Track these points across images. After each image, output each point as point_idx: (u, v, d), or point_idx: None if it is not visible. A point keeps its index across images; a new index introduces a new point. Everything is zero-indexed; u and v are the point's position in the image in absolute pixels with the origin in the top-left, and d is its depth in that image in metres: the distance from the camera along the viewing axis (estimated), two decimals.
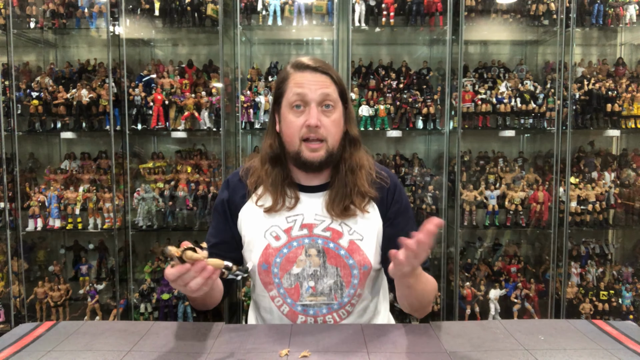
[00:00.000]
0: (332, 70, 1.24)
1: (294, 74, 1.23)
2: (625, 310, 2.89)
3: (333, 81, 1.23)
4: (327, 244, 1.26)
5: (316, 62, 1.23)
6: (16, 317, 2.90)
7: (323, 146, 1.22)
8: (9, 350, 1.06)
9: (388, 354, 1.02)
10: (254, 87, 2.91)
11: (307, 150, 1.22)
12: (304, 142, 1.22)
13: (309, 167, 1.25)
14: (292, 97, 1.21)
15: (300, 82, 1.21)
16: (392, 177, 1.35)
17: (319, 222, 1.28)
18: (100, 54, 3.01)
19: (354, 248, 1.26)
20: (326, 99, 1.21)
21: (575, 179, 2.93)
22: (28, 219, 2.88)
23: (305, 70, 1.22)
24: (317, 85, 1.20)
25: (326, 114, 1.22)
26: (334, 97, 1.22)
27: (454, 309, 2.88)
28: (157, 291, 2.84)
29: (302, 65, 1.23)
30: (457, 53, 2.78)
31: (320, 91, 1.20)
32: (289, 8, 2.83)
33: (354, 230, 1.27)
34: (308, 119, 1.19)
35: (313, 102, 1.20)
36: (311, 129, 1.20)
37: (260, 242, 1.28)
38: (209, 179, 2.95)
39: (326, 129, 1.21)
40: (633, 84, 2.94)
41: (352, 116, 1.31)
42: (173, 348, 1.06)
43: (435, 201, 2.94)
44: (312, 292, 1.26)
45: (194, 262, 0.96)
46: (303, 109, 1.21)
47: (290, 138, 1.23)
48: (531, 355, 1.02)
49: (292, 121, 1.22)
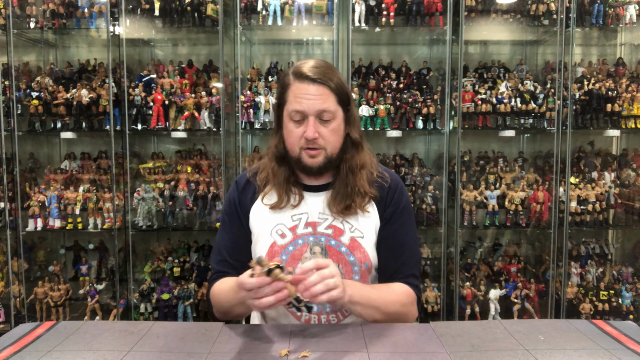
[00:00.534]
0: (332, 78, 1.24)
1: (294, 84, 1.24)
2: (625, 310, 2.89)
3: (332, 91, 1.24)
4: (329, 241, 1.28)
5: (315, 73, 1.23)
6: (16, 317, 2.90)
7: (322, 153, 1.26)
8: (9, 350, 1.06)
9: (388, 354, 1.02)
10: (254, 87, 2.91)
11: (307, 156, 1.26)
12: (304, 150, 1.26)
13: (309, 172, 1.29)
14: (291, 111, 1.24)
15: (299, 95, 1.22)
16: (395, 179, 1.37)
17: (322, 220, 1.30)
18: (100, 54, 3.01)
19: (355, 245, 1.28)
20: (323, 113, 1.23)
21: (575, 179, 2.93)
22: (28, 219, 2.88)
23: (304, 80, 1.23)
24: (315, 99, 1.22)
25: (324, 124, 1.24)
26: (332, 109, 1.24)
27: (454, 309, 2.88)
28: (157, 291, 2.84)
29: (302, 75, 1.23)
30: (457, 53, 2.78)
31: (317, 106, 1.22)
32: (289, 8, 2.83)
33: (355, 228, 1.30)
34: (306, 131, 1.23)
35: (311, 116, 1.23)
36: (309, 141, 1.23)
37: (266, 240, 1.30)
38: (209, 179, 2.95)
39: (324, 139, 1.25)
40: (633, 84, 2.94)
41: (354, 119, 1.33)
42: (173, 348, 1.06)
43: (435, 201, 2.94)
44: None
45: (274, 280, 0.99)
46: (302, 121, 1.24)
47: (291, 146, 1.28)
48: (531, 355, 1.02)
49: (291, 130, 1.25)
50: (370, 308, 1.19)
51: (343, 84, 1.28)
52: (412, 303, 1.28)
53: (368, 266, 1.29)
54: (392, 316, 1.23)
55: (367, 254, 1.28)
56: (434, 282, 2.97)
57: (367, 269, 1.29)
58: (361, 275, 1.28)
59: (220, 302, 1.27)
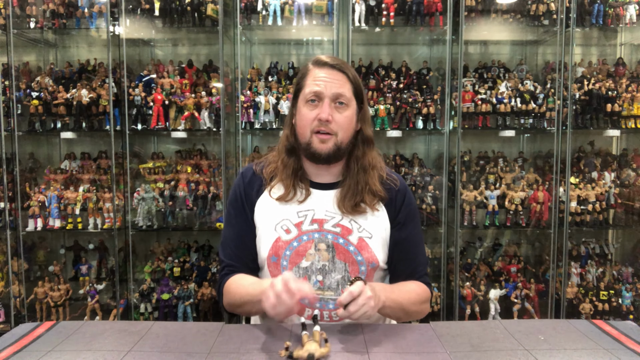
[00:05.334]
0: (349, 69, 1.30)
1: (313, 69, 1.30)
2: (625, 310, 2.89)
3: (349, 80, 1.29)
4: (337, 239, 1.29)
5: (334, 60, 1.29)
6: (16, 317, 2.90)
7: (332, 139, 1.27)
8: (9, 350, 1.06)
9: (388, 354, 1.02)
10: (254, 87, 2.91)
11: (317, 141, 1.27)
12: (315, 134, 1.27)
13: (318, 159, 1.29)
14: (308, 92, 1.27)
15: (318, 78, 1.27)
16: (402, 181, 1.40)
17: (330, 218, 1.31)
18: (100, 54, 3.01)
19: (362, 245, 1.29)
20: (339, 97, 1.26)
21: (575, 179, 2.93)
22: (28, 219, 2.88)
23: (324, 67, 1.28)
24: (333, 82, 1.26)
25: (339, 110, 1.27)
26: (348, 96, 1.28)
27: (454, 309, 2.88)
28: (157, 291, 2.84)
29: (321, 62, 1.29)
30: (457, 53, 2.78)
31: (335, 89, 1.26)
32: (289, 8, 2.83)
33: (363, 228, 1.31)
34: (320, 112, 1.25)
35: (327, 98, 1.26)
36: (322, 123, 1.25)
37: (271, 235, 1.30)
38: (209, 179, 2.95)
39: (337, 124, 1.27)
40: (633, 84, 2.94)
41: (367, 116, 1.36)
42: (173, 348, 1.06)
43: (435, 201, 2.94)
44: (320, 286, 1.28)
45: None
46: (317, 104, 1.27)
47: (302, 130, 1.29)
48: (531, 355, 1.02)
49: (305, 113, 1.28)
50: (398, 310, 1.24)
51: (359, 80, 1.32)
52: (428, 300, 1.34)
53: (375, 266, 1.30)
54: (413, 315, 1.30)
55: (374, 254, 1.29)
56: (434, 282, 2.97)
57: (374, 269, 1.30)
58: (367, 274, 1.29)
59: (234, 297, 1.28)
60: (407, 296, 1.27)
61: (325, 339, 1.03)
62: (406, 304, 1.25)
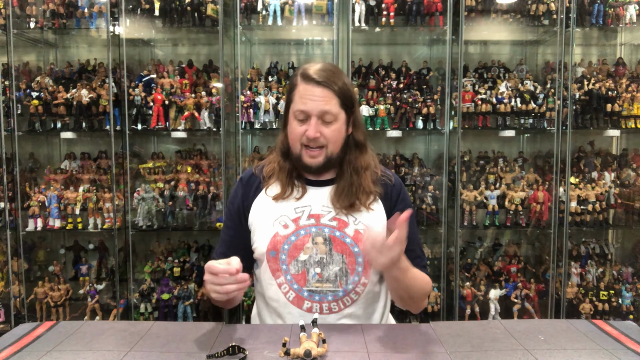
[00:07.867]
0: (336, 82, 1.29)
1: (300, 84, 1.30)
2: (625, 310, 2.89)
3: (335, 94, 1.29)
4: (333, 232, 1.32)
5: (321, 76, 1.28)
6: (16, 317, 2.90)
7: (322, 152, 1.31)
8: (9, 350, 1.06)
9: (388, 354, 1.03)
10: (254, 87, 2.91)
11: (307, 156, 1.32)
12: (305, 149, 1.31)
13: (309, 171, 1.34)
14: (296, 110, 1.30)
15: (304, 96, 1.28)
16: (397, 178, 1.44)
17: (326, 213, 1.34)
18: (100, 54, 3.01)
19: (359, 237, 1.31)
20: (325, 114, 1.28)
21: (575, 179, 2.93)
22: (28, 219, 2.88)
23: (310, 82, 1.28)
24: (318, 101, 1.27)
25: (326, 125, 1.30)
26: (334, 112, 1.29)
27: (454, 309, 2.88)
28: (157, 291, 2.84)
29: (308, 77, 1.29)
30: (457, 53, 2.78)
31: (320, 107, 1.27)
32: (289, 8, 2.83)
33: (359, 221, 1.34)
34: (308, 130, 1.28)
35: (313, 117, 1.28)
36: (310, 140, 1.29)
37: (269, 230, 1.33)
38: (209, 179, 2.95)
39: (326, 138, 1.30)
40: (633, 84, 2.94)
41: (358, 121, 1.38)
42: (173, 348, 1.06)
43: (435, 201, 2.94)
44: (319, 279, 1.31)
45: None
46: (305, 120, 1.30)
47: (293, 142, 1.33)
48: (531, 355, 1.02)
49: (295, 128, 1.31)
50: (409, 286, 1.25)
51: (348, 88, 1.32)
52: (428, 294, 1.37)
53: None
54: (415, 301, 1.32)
55: None
56: (434, 282, 2.96)
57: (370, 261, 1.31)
58: (364, 266, 1.31)
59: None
60: (419, 281, 1.29)
61: (323, 340, 1.03)
62: (417, 286, 1.28)
